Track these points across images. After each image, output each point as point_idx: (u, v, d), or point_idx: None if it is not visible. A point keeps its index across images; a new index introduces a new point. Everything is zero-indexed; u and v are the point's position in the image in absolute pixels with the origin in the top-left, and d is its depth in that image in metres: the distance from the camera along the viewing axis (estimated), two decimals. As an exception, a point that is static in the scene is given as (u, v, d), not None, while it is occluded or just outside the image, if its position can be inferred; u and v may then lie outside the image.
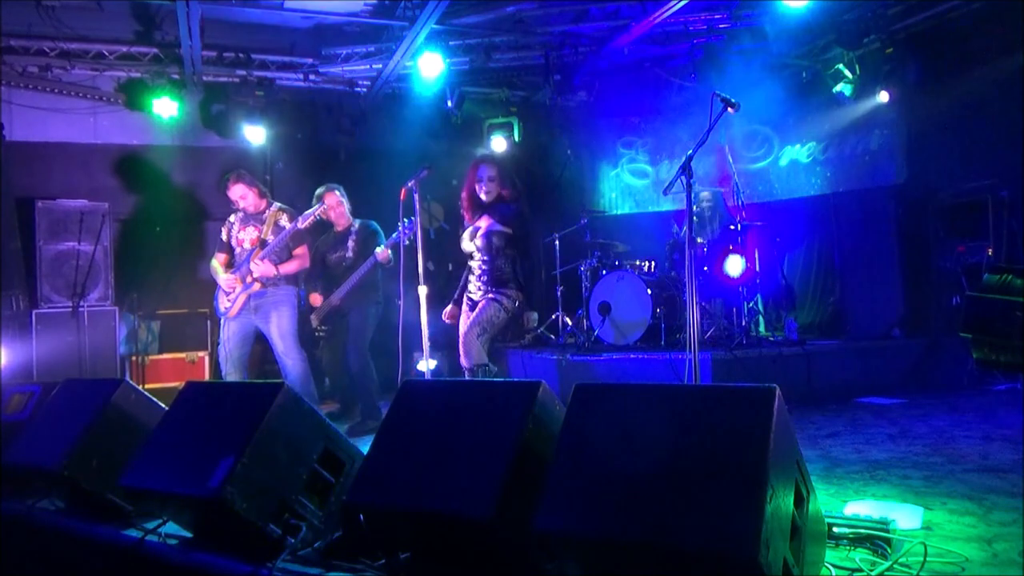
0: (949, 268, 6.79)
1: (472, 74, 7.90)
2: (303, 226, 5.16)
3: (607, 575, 2.09)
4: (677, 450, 2.03)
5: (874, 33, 7.03)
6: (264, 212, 5.31)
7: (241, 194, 5.28)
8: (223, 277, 5.22)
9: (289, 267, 5.22)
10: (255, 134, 7.58)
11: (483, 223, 4.52)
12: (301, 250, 5.31)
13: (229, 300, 5.18)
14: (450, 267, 7.91)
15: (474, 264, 4.60)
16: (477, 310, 4.46)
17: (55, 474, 3.25)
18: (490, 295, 4.47)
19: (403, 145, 7.97)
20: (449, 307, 4.77)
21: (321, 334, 5.95)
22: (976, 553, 2.43)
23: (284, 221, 5.24)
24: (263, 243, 5.18)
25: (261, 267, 5.09)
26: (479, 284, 4.54)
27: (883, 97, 7.26)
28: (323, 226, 5.81)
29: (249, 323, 5.20)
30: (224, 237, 5.37)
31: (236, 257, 5.29)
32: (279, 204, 5.39)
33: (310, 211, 5.18)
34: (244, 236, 5.28)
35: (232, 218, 5.40)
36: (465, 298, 4.64)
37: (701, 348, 4.27)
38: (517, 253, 4.54)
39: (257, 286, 5.13)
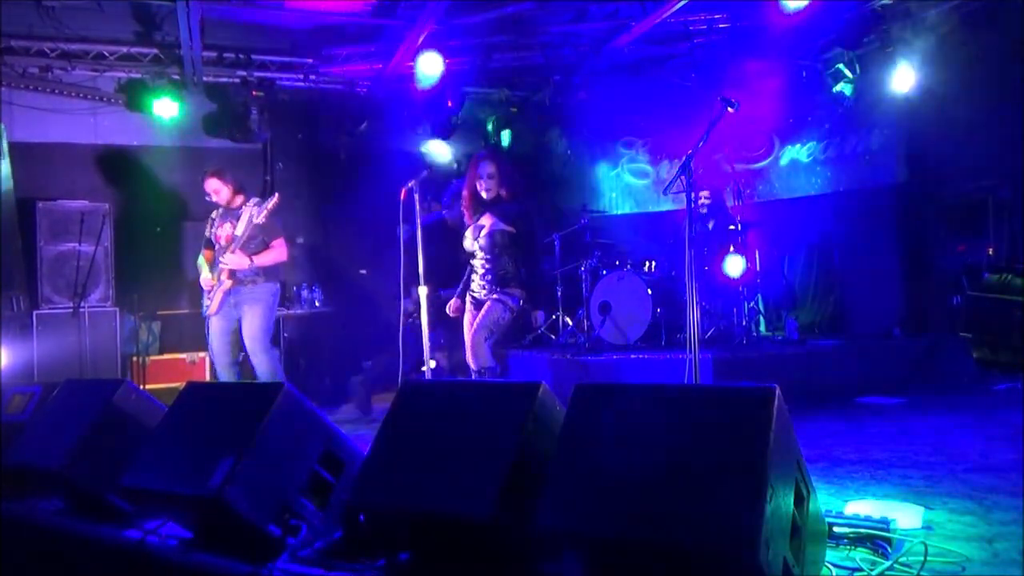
0: (949, 268, 6.77)
1: (472, 74, 7.90)
2: (259, 220, 5.01)
3: (607, 574, 2.09)
4: (677, 450, 2.03)
5: (874, 33, 7.03)
6: (240, 208, 5.29)
7: (215, 188, 5.28)
8: (203, 277, 5.23)
9: (264, 259, 5.15)
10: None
11: (486, 222, 4.50)
12: (278, 242, 5.23)
13: (209, 298, 5.19)
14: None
15: (477, 263, 4.58)
16: (483, 312, 4.44)
17: (55, 474, 3.26)
18: (495, 295, 4.46)
19: (403, 145, 7.96)
20: (454, 300, 4.75)
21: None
22: (976, 552, 2.43)
23: (255, 215, 5.13)
24: (235, 238, 5.17)
25: (234, 259, 5.05)
26: (483, 284, 4.53)
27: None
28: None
29: (230, 319, 5.19)
30: (207, 233, 5.39)
31: (216, 253, 5.30)
32: (256, 199, 5.30)
33: (265, 202, 5.05)
34: (221, 232, 5.27)
35: (214, 214, 5.40)
36: (469, 297, 4.62)
37: (701, 348, 4.26)
38: (520, 252, 4.52)
39: (228, 283, 5.10)
